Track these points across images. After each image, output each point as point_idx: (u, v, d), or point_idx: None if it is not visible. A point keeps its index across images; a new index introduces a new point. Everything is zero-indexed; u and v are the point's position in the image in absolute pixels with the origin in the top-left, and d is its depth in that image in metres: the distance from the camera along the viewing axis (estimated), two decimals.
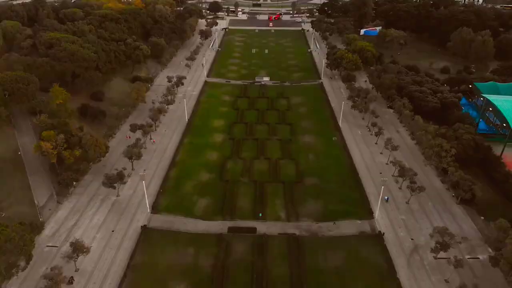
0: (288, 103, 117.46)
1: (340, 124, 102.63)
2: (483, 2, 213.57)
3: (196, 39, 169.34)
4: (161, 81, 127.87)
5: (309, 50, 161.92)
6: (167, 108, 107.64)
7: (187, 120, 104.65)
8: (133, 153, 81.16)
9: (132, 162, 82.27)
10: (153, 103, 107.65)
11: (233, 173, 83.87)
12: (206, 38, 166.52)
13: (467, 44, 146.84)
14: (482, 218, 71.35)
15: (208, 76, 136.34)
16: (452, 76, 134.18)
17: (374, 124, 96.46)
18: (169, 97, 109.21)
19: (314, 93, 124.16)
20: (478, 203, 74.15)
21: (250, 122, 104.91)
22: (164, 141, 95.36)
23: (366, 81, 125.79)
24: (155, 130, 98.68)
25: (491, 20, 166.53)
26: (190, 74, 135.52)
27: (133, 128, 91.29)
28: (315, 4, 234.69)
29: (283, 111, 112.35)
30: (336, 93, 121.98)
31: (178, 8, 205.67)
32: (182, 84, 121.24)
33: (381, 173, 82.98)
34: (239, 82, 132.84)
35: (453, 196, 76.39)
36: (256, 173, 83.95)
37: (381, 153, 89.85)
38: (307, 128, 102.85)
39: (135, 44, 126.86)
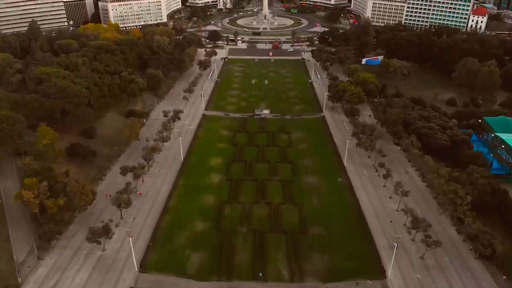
0: (289, 138, 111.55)
1: (345, 163, 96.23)
2: (485, 29, 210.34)
3: (195, 69, 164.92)
4: (157, 115, 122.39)
5: (309, 81, 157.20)
6: (162, 145, 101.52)
7: (182, 158, 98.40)
8: (122, 200, 74.48)
9: (120, 210, 75.48)
10: (147, 140, 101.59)
11: (231, 221, 77.00)
12: (205, 68, 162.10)
13: (472, 74, 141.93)
14: (505, 277, 64.02)
15: (206, 109, 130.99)
16: (460, 109, 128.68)
17: (381, 165, 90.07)
18: (164, 134, 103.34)
19: (316, 127, 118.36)
20: (498, 257, 67.04)
21: (250, 160, 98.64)
22: (157, 183, 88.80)
23: (370, 115, 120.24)
24: (148, 170, 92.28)
25: (496, 48, 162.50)
26: (187, 107, 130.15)
27: (124, 171, 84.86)
28: (315, 32, 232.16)
29: (284, 147, 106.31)
30: (339, 128, 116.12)
31: (178, 37, 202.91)
32: (179, 118, 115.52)
33: (391, 221, 76.15)
34: (238, 115, 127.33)
35: (470, 249, 69.23)
36: (255, 221, 77.14)
37: (390, 197, 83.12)
38: (309, 167, 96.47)
39: (131, 77, 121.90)
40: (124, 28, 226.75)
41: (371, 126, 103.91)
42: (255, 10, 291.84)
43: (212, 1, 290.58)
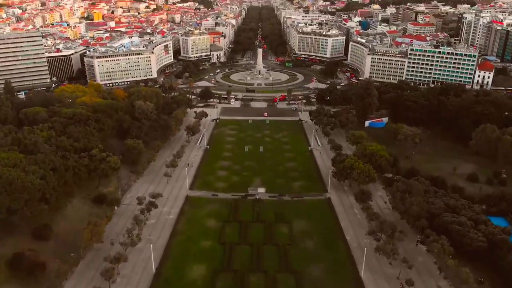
0: (290, 231, 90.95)
1: (362, 275, 75.11)
2: (491, 84, 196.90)
3: (182, 135, 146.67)
4: (132, 199, 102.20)
5: (309, 148, 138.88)
6: (131, 247, 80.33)
7: (154, 269, 76.86)
8: None
9: None
10: (111, 244, 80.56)
11: None
12: (193, 134, 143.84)
13: (492, 143, 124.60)
14: None
15: (191, 187, 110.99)
16: (485, 187, 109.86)
17: (410, 284, 68.96)
18: (135, 233, 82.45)
19: (322, 215, 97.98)
20: None
21: (241, 271, 77.24)
22: None
23: (386, 202, 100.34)
24: None
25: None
26: (169, 186, 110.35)
27: None
28: (311, 88, 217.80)
29: (284, 246, 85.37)
30: (350, 217, 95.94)
31: (166, 95, 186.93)
32: (156, 207, 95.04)
33: None
34: (228, 195, 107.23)
35: None
36: None
37: None
38: (318, 280, 75.05)
39: (102, 155, 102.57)
40: (110, 85, 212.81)
41: (391, 224, 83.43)
42: (251, 62, 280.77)
43: (205, 55, 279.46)
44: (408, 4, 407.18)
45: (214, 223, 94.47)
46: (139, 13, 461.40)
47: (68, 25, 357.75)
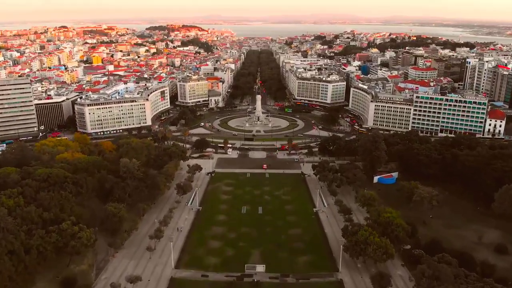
0: None
1: None
2: (503, 133, 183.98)
3: (172, 193, 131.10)
4: (107, 281, 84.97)
5: (314, 210, 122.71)
6: None
7: None
8: None
9: None
10: None
11: None
12: (184, 193, 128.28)
13: None
14: None
15: (177, 265, 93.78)
16: None
17: None
18: None
19: None
20: None
21: None
22: None
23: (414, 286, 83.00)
24: None
25: None
26: (151, 264, 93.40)
27: None
28: (313, 136, 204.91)
29: None
30: None
31: (159, 144, 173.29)
32: None
33: None
34: (221, 276, 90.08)
35: None
36: None
37: None
38: None
39: (73, 229, 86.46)
40: (101, 133, 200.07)
41: None
42: (249, 107, 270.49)
43: (203, 100, 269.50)
44: (407, 47, 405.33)
45: None
46: (138, 57, 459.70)
47: (65, 68, 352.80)
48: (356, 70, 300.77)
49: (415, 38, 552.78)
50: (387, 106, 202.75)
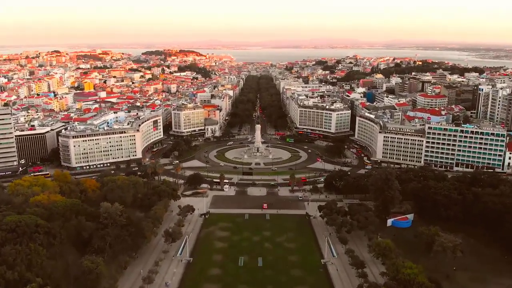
0: None
1: None
2: None
3: (160, 241, 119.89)
4: None
5: (322, 262, 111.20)
6: None
7: None
8: None
9: None
10: None
11: None
12: (173, 240, 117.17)
13: None
14: None
15: None
16: None
17: None
18: None
19: None
20: None
21: None
22: None
23: None
24: None
25: None
26: None
27: None
28: (317, 169, 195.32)
29: None
30: None
31: (149, 180, 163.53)
32: None
33: None
34: None
35: None
36: None
37: None
38: None
39: None
40: (87, 167, 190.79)
41: None
42: (248, 137, 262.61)
43: (199, 130, 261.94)
44: (413, 73, 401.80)
45: None
46: (133, 83, 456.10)
47: (55, 95, 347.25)
48: (361, 97, 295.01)
49: (420, 62, 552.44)
50: (397, 138, 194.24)
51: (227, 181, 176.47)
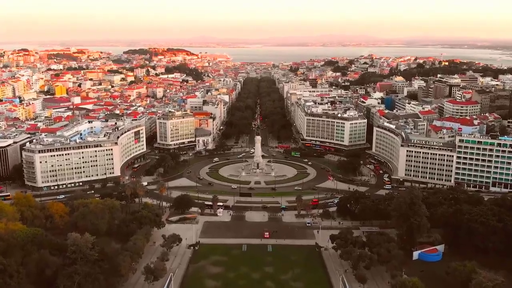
0: None
1: None
2: None
3: (139, 279, 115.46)
4: None
5: None
6: None
7: None
8: None
9: None
10: None
11: None
12: (155, 279, 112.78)
13: None
14: None
15: None
16: None
17: None
18: None
19: None
20: None
21: None
22: None
23: None
24: None
25: None
26: None
27: None
28: (328, 190, 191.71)
29: None
30: None
31: (128, 203, 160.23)
32: None
33: None
34: None
35: None
36: None
37: None
38: None
39: None
40: (55, 187, 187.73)
41: None
42: (246, 150, 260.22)
43: (189, 142, 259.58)
44: (438, 75, 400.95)
45: None
46: (112, 87, 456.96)
47: (21, 101, 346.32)
48: (379, 103, 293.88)
49: (446, 63, 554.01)
50: (422, 152, 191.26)
51: (221, 204, 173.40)
